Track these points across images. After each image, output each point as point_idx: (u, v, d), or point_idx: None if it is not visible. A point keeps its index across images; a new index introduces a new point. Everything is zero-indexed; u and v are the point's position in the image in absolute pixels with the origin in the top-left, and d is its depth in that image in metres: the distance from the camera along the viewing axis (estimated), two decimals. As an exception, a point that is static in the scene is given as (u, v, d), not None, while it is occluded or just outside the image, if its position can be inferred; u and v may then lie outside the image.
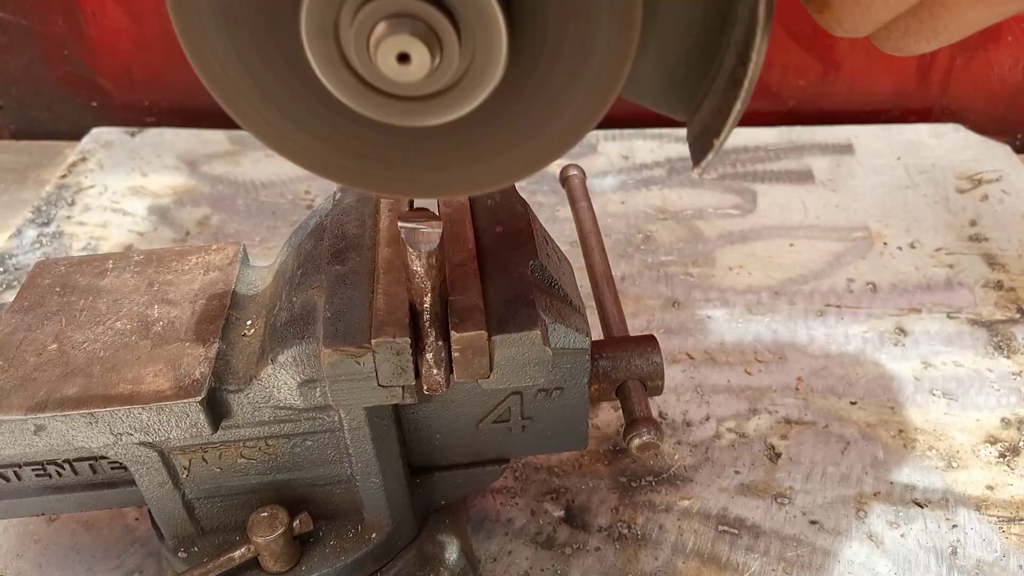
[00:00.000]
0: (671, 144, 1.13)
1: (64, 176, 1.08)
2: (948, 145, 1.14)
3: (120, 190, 1.05)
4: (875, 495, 0.68)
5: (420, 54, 0.31)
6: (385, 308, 0.47)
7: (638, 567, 0.63)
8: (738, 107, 0.36)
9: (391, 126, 0.36)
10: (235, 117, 0.37)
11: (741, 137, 1.14)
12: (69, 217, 1.00)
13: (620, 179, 1.07)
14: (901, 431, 0.74)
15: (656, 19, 0.37)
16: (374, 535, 0.56)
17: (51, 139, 1.21)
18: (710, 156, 0.38)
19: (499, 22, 0.32)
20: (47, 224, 0.99)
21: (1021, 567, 0.63)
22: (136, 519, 0.66)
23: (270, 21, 0.34)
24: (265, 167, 1.09)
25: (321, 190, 1.05)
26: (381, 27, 0.31)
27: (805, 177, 1.07)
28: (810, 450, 0.72)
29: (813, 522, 0.66)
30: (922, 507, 0.67)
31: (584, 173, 0.76)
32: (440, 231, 0.42)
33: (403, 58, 0.32)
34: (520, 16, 0.33)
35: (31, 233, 0.98)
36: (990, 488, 0.69)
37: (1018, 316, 0.85)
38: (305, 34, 0.32)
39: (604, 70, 0.34)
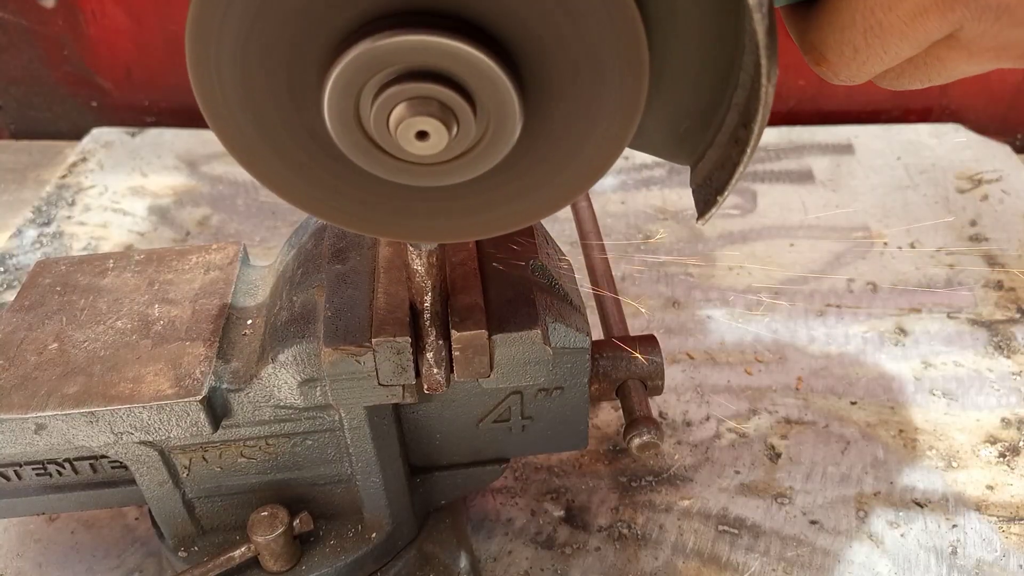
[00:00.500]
0: (671, 144, 1.13)
1: (64, 176, 1.08)
2: (948, 145, 1.14)
3: (120, 190, 1.05)
4: (875, 495, 0.68)
5: (438, 131, 0.33)
6: (385, 307, 0.47)
7: (638, 567, 0.63)
8: (741, 168, 0.37)
9: (408, 185, 0.37)
10: (266, 186, 0.38)
11: (741, 137, 1.13)
12: (69, 217, 1.01)
13: (620, 179, 1.07)
14: (901, 431, 0.74)
15: (662, 81, 0.38)
16: (374, 534, 0.56)
17: (51, 139, 1.21)
18: (714, 210, 0.39)
19: (512, 96, 0.33)
20: (47, 224, 0.99)
21: (1021, 567, 0.63)
22: (136, 518, 0.66)
23: (291, 95, 0.35)
24: (265, 167, 1.09)
25: (321, 190, 1.05)
26: (400, 109, 0.33)
27: (805, 177, 1.07)
28: (810, 450, 0.72)
29: (813, 522, 0.66)
30: (922, 507, 0.67)
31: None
32: (440, 230, 0.42)
33: (422, 135, 0.33)
34: (532, 84, 0.35)
35: (31, 233, 0.98)
36: (990, 488, 0.69)
37: (1018, 316, 0.85)
38: (327, 111, 0.33)
39: (612, 128, 0.36)
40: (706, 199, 0.40)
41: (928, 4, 0.34)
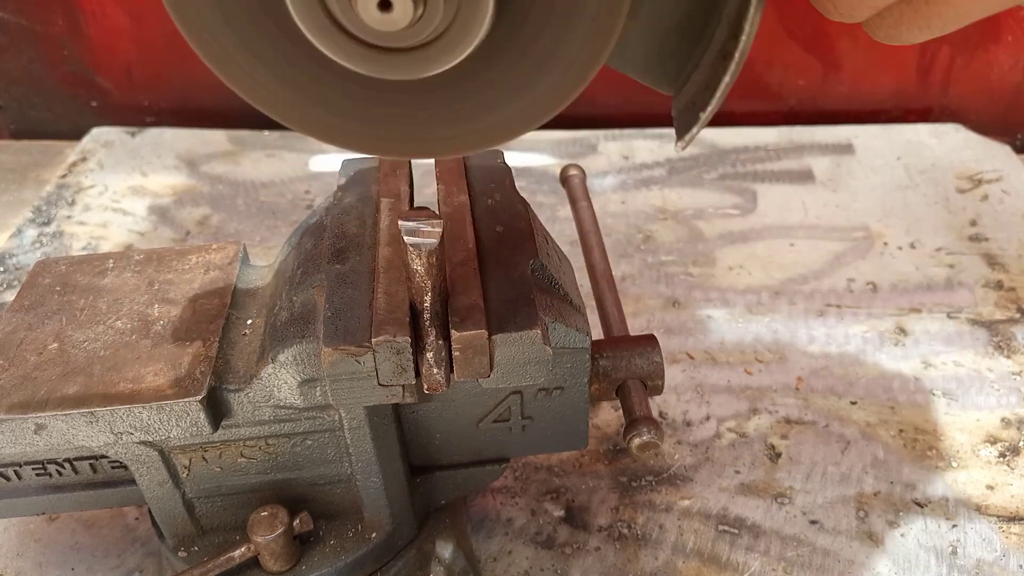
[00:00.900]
0: (671, 144, 1.13)
1: (64, 176, 1.08)
2: (948, 145, 1.14)
3: (120, 190, 1.05)
4: (875, 495, 0.68)
5: (402, 2, 0.31)
6: (385, 307, 0.47)
7: (638, 567, 0.63)
8: (727, 80, 0.35)
9: (376, 81, 0.35)
10: (218, 72, 0.36)
11: (741, 137, 1.14)
12: (69, 217, 1.01)
13: (620, 179, 1.07)
14: (901, 431, 0.74)
15: None
16: (374, 535, 0.56)
17: (51, 139, 1.21)
18: (695, 129, 0.37)
19: None
20: (47, 224, 0.99)
21: (1021, 567, 0.63)
22: (136, 518, 0.66)
23: None
24: (265, 167, 1.09)
25: (321, 190, 1.05)
26: None
27: (805, 177, 1.07)
28: (810, 450, 0.72)
29: (813, 522, 0.66)
30: (922, 507, 0.67)
31: (584, 173, 0.76)
32: (440, 230, 0.42)
33: (385, 5, 0.31)
34: None
35: (31, 233, 0.98)
36: (990, 488, 0.69)
37: (1018, 316, 0.85)
38: None
39: (593, 31, 0.34)
40: (688, 121, 0.38)
41: None
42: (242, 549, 0.53)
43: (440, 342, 0.46)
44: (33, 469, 0.53)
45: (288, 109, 0.37)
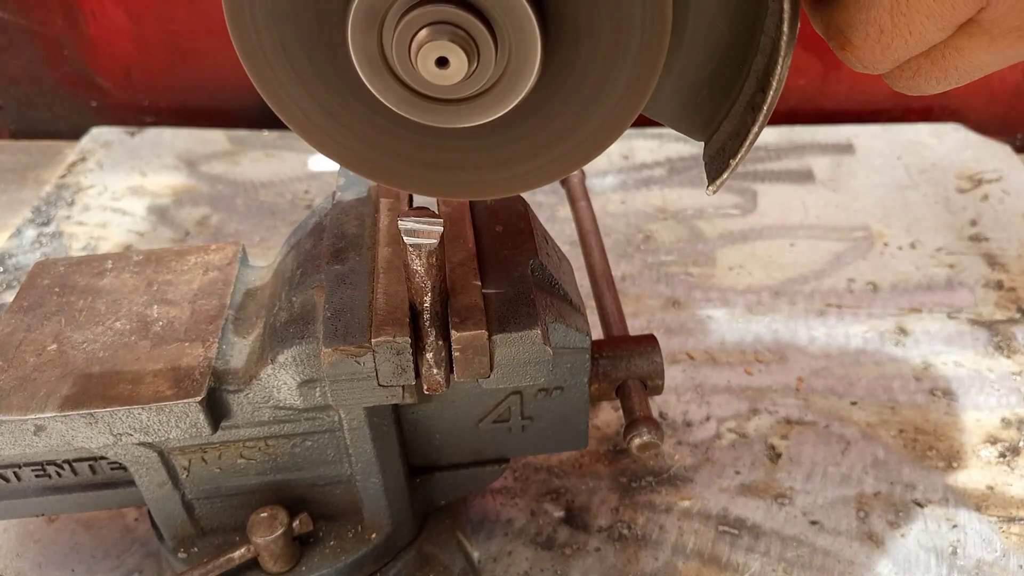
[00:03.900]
0: (671, 144, 1.13)
1: (64, 176, 1.08)
2: (948, 145, 1.14)
3: (119, 190, 1.05)
4: (875, 495, 0.68)
5: (458, 58, 0.34)
6: (385, 308, 0.47)
7: (638, 567, 0.63)
8: (755, 130, 0.38)
9: (432, 128, 0.38)
10: (281, 115, 0.39)
11: (741, 137, 1.13)
12: (69, 217, 1.00)
13: (620, 179, 1.07)
14: (901, 431, 0.74)
15: (683, 43, 0.39)
16: (374, 535, 0.56)
17: (51, 139, 1.21)
18: (725, 175, 0.40)
19: (534, 27, 0.34)
20: (47, 224, 0.99)
21: (1021, 567, 0.63)
22: (136, 519, 0.66)
23: (318, 22, 0.36)
24: (264, 167, 1.09)
25: (320, 190, 1.05)
26: (423, 33, 0.34)
27: (805, 177, 1.07)
28: (810, 450, 0.72)
29: (813, 522, 0.66)
30: (922, 507, 0.67)
31: (584, 173, 0.76)
32: (440, 230, 0.42)
33: (442, 62, 0.34)
34: (554, 23, 0.35)
35: (31, 233, 0.98)
36: (990, 488, 0.69)
37: (1018, 316, 0.85)
38: (351, 36, 0.35)
39: (631, 84, 0.37)
40: (719, 166, 0.41)
41: None
42: (242, 550, 0.53)
43: (440, 342, 0.46)
44: (32, 470, 0.53)
45: (345, 151, 0.40)
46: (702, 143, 0.43)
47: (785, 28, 0.34)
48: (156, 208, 1.02)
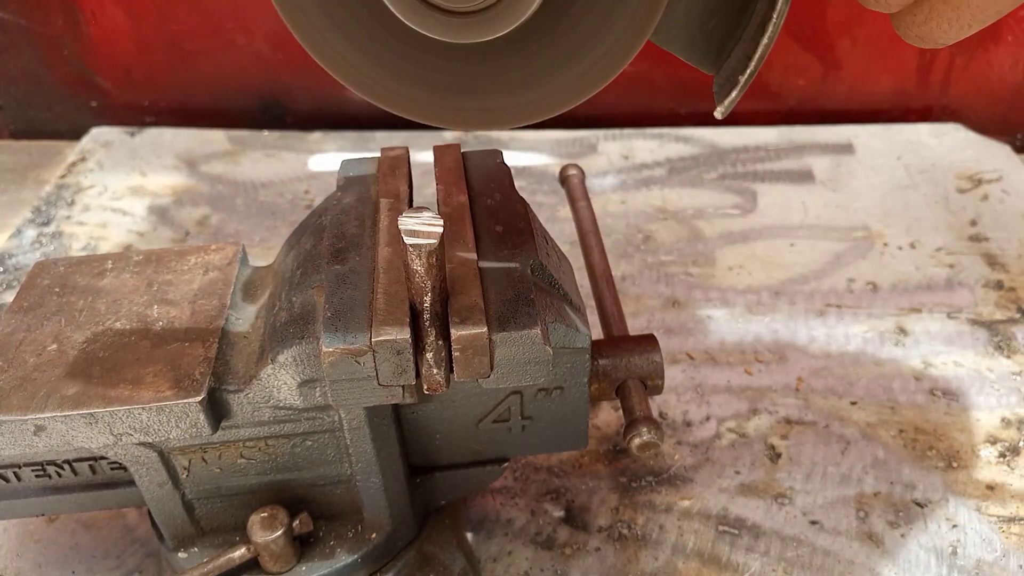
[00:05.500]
0: (671, 144, 1.13)
1: (64, 176, 1.08)
2: (948, 145, 1.14)
3: (119, 190, 1.05)
4: (875, 495, 0.68)
5: None
6: (385, 308, 0.47)
7: (638, 567, 0.63)
8: (765, 41, 0.37)
9: (441, 48, 0.38)
10: (305, 45, 0.40)
11: (741, 137, 1.13)
12: (69, 217, 1.00)
13: (620, 179, 1.07)
14: (901, 431, 0.74)
15: None
16: (374, 535, 0.56)
17: (51, 139, 1.21)
18: (735, 94, 0.39)
19: None
20: (47, 224, 0.99)
21: (1021, 567, 0.63)
22: (136, 519, 0.66)
23: None
24: (264, 167, 1.09)
25: (320, 190, 1.05)
26: None
27: (805, 177, 1.07)
28: (810, 450, 0.72)
29: (813, 522, 0.66)
30: (922, 507, 0.67)
31: (584, 173, 0.76)
32: (440, 230, 0.42)
33: None
34: None
35: (31, 233, 0.98)
36: (990, 488, 0.69)
37: (1018, 316, 0.85)
38: None
39: (641, 3, 0.37)
40: (727, 90, 0.40)
41: None
42: (242, 550, 0.53)
43: (440, 342, 0.46)
44: (32, 470, 0.53)
45: (360, 77, 0.41)
46: (712, 90, 0.43)
47: None
48: (156, 208, 1.02)
